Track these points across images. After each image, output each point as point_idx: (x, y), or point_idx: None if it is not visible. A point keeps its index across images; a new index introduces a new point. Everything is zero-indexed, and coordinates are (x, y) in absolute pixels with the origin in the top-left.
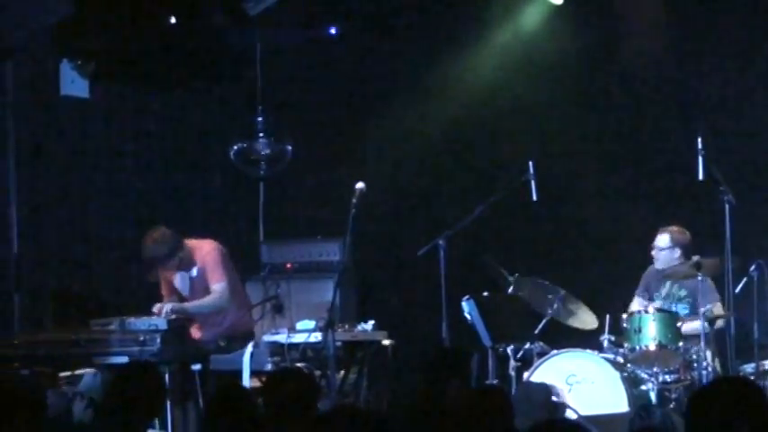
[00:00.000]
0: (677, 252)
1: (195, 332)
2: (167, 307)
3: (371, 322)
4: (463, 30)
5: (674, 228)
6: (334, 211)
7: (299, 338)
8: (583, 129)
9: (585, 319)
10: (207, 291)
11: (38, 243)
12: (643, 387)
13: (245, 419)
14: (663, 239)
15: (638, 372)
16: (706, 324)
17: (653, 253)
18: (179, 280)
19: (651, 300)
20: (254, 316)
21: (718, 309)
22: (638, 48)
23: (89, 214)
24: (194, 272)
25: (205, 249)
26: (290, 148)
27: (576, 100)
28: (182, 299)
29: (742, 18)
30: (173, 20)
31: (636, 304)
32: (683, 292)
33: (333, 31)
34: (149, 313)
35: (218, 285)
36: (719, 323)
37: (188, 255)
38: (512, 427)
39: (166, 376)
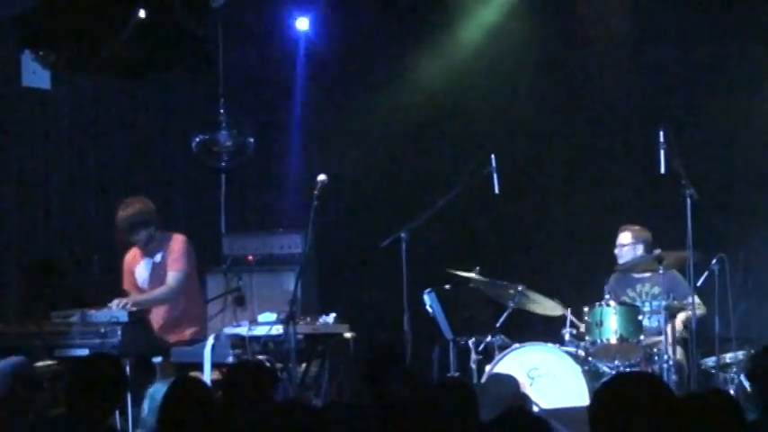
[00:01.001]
0: (640, 248)
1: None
2: (122, 302)
3: (333, 315)
4: (427, 23)
5: (635, 226)
6: (295, 204)
7: (260, 331)
8: (545, 122)
9: (549, 307)
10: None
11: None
12: (604, 380)
13: (201, 411)
14: (625, 237)
15: (600, 365)
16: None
17: (616, 251)
18: (143, 267)
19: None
20: (215, 309)
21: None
22: (600, 41)
23: (51, 206)
24: (158, 257)
25: (174, 238)
26: (251, 140)
27: (538, 93)
28: (141, 292)
29: (704, 12)
30: (142, 14)
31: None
32: (655, 290)
33: (303, 24)
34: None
35: (176, 274)
36: (688, 314)
37: (158, 239)
38: (477, 419)
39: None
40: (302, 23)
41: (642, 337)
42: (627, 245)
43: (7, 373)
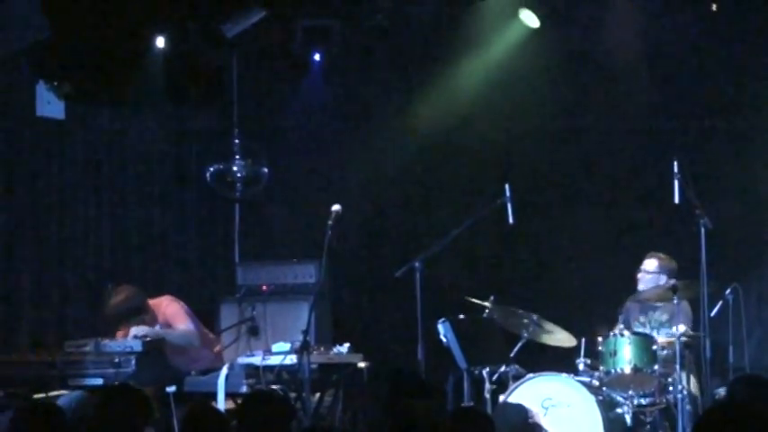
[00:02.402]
0: (663, 278)
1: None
2: (142, 330)
3: (347, 345)
4: (440, 52)
5: (662, 255)
6: (310, 234)
7: (274, 361)
8: (558, 153)
9: (562, 338)
10: None
11: (12, 265)
12: (618, 410)
13: None
14: (651, 264)
15: (614, 395)
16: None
17: (638, 276)
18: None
19: (629, 328)
20: (229, 338)
21: (681, 329)
22: (613, 73)
23: (64, 236)
24: (157, 328)
25: (164, 304)
26: (266, 170)
27: (551, 124)
28: None
29: (720, 39)
30: (161, 43)
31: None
32: (663, 317)
33: (317, 57)
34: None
35: (184, 325)
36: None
37: (152, 314)
38: None
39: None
40: (316, 56)
41: (656, 367)
42: (651, 272)
43: (70, 407)
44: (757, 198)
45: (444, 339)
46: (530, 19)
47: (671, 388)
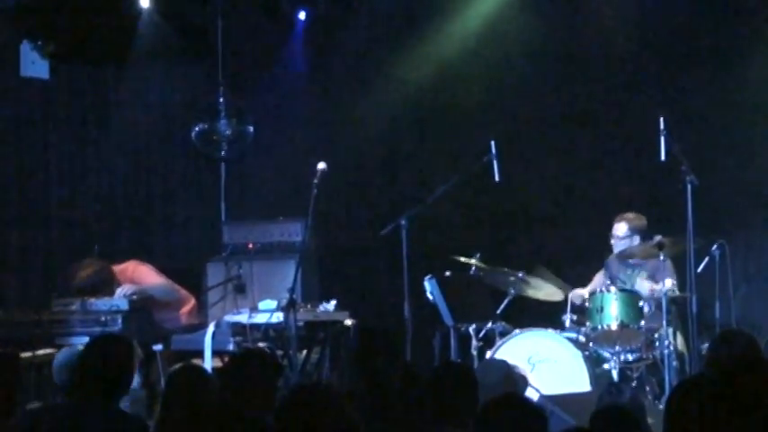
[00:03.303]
0: (636, 239)
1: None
2: (125, 290)
3: (333, 302)
4: (426, 12)
5: (631, 215)
6: (295, 192)
7: (261, 318)
8: (544, 110)
9: (549, 292)
10: None
11: None
12: (605, 366)
13: (202, 399)
14: (620, 228)
15: (600, 351)
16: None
17: (612, 241)
18: None
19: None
20: (215, 297)
21: (668, 284)
22: (599, 28)
23: (50, 195)
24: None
25: (130, 269)
26: (251, 128)
27: (537, 81)
28: None
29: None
30: (145, 3)
31: (594, 282)
32: (643, 274)
33: (302, 15)
34: None
35: (158, 280)
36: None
37: (118, 284)
38: (476, 401)
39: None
40: (301, 14)
41: (643, 323)
42: (623, 237)
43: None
44: (743, 155)
45: (431, 296)
46: None
47: (657, 344)
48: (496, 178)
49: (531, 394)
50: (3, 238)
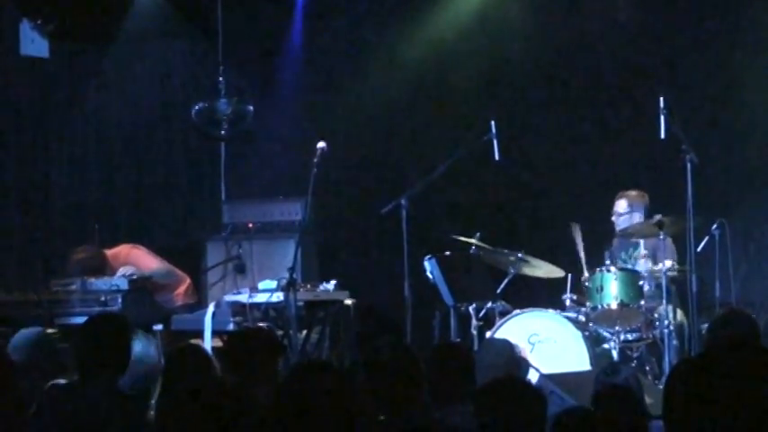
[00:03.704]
0: (636, 216)
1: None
2: (126, 271)
3: (333, 282)
4: None
5: (632, 192)
6: (295, 171)
7: (260, 298)
8: (544, 88)
9: (549, 270)
10: None
11: None
12: (605, 345)
13: (202, 379)
14: (621, 205)
15: (600, 330)
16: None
17: (613, 218)
18: None
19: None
20: (215, 276)
21: (668, 265)
22: (600, 7)
23: (50, 175)
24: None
25: (123, 253)
26: (251, 108)
27: (537, 60)
28: None
29: None
30: None
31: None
32: (643, 252)
33: None
34: None
35: (155, 265)
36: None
37: (111, 269)
38: (474, 382)
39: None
40: None
41: (643, 302)
42: (623, 214)
43: (28, 343)
44: (743, 132)
45: (431, 276)
46: None
47: (657, 323)
48: (497, 157)
49: (532, 374)
50: (2, 217)
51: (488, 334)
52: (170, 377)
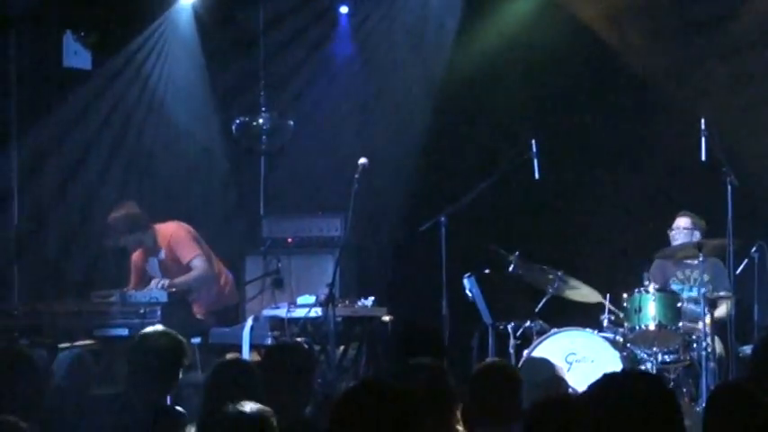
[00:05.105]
0: (696, 234)
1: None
2: (160, 283)
3: (372, 298)
4: (468, 6)
5: (694, 214)
6: (335, 187)
7: (299, 313)
8: (586, 108)
9: (586, 293)
10: (179, 271)
11: (38, 214)
12: (642, 367)
13: (246, 393)
14: (684, 221)
15: (638, 351)
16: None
17: (672, 233)
18: (150, 266)
19: (666, 285)
20: (254, 290)
21: (724, 303)
22: (639, 28)
23: (91, 186)
24: (161, 254)
25: (169, 231)
26: (291, 122)
27: (578, 81)
28: None
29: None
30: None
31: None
32: (705, 277)
33: (344, 9)
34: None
35: (195, 260)
36: (721, 312)
37: (153, 238)
38: (521, 402)
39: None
40: (343, 8)
41: (681, 324)
42: (686, 228)
43: (69, 363)
44: None
45: (470, 294)
46: None
47: (695, 345)
48: (536, 176)
49: None
50: (44, 232)
51: (526, 353)
52: (214, 390)
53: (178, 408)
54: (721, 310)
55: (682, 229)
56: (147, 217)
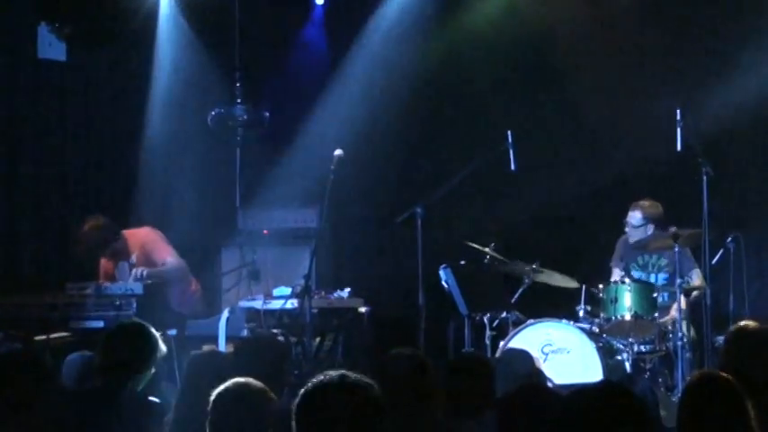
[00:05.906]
0: (650, 228)
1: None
2: (141, 271)
3: (348, 289)
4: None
5: (646, 202)
6: (311, 178)
7: (275, 305)
8: (559, 99)
9: (564, 280)
10: None
11: (13, 206)
12: (618, 357)
13: (221, 384)
14: (635, 216)
15: (614, 342)
16: (682, 296)
17: (626, 229)
18: (119, 271)
19: (626, 269)
20: (229, 282)
21: (697, 277)
22: (615, 18)
23: (67, 177)
24: (133, 259)
25: (141, 235)
26: (267, 114)
27: (553, 70)
28: None
29: None
30: None
31: (616, 275)
32: (662, 261)
33: (319, 0)
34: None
35: (170, 258)
36: (695, 294)
37: (123, 245)
38: (494, 392)
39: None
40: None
41: (656, 315)
42: (638, 226)
43: (78, 365)
44: (759, 146)
45: (445, 285)
46: None
47: (671, 336)
48: (513, 167)
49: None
50: (18, 220)
51: (502, 344)
52: (189, 381)
53: (153, 399)
54: (695, 278)
55: (633, 226)
56: (116, 226)
